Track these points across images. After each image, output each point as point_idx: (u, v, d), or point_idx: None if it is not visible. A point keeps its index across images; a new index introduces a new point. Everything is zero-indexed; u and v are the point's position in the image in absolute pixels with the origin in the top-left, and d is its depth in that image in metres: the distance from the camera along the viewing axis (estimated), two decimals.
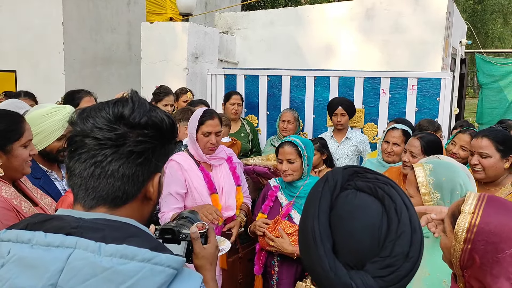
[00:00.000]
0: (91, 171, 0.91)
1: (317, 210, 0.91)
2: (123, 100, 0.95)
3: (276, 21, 6.57)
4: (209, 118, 2.67)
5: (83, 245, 0.83)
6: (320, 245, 0.88)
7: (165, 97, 4.11)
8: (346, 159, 4.07)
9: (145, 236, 0.92)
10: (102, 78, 6.52)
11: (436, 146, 2.56)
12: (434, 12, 5.78)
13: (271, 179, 2.93)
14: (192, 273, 0.94)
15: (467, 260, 1.18)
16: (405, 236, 0.87)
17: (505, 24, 27.20)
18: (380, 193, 0.90)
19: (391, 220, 0.88)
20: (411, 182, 1.77)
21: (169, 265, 0.85)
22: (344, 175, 0.95)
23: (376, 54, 6.05)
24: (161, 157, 0.98)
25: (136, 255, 0.83)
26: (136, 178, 0.94)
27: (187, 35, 5.25)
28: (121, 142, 0.91)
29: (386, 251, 0.86)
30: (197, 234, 1.35)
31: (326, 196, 0.92)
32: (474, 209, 1.19)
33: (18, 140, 1.83)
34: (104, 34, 6.59)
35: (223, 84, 5.05)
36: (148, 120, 0.93)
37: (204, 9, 8.73)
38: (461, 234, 1.18)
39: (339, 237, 0.89)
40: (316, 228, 0.89)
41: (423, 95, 4.37)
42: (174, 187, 2.63)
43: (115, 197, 0.93)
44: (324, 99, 4.69)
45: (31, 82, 5.57)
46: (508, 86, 9.05)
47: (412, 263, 0.87)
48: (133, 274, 0.81)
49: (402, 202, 0.90)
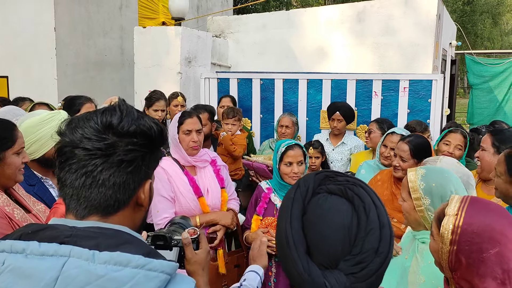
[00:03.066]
0: (82, 181, 0.92)
1: (289, 215, 0.95)
2: (111, 109, 0.96)
3: (268, 24, 6.60)
4: (187, 117, 2.70)
5: (77, 254, 0.84)
6: (293, 249, 0.91)
7: (155, 102, 4.10)
8: (340, 162, 4.10)
9: (138, 243, 0.93)
10: (95, 83, 6.50)
11: (425, 149, 2.60)
12: (424, 14, 5.85)
13: (262, 182, 2.95)
14: (185, 278, 0.95)
15: (455, 262, 1.20)
16: (374, 232, 0.90)
17: (494, 25, 27.49)
18: (349, 194, 0.94)
19: (360, 219, 0.91)
20: (404, 186, 1.80)
21: (163, 270, 0.87)
22: (315, 180, 0.99)
23: (367, 56, 6.11)
24: (151, 164, 1.00)
25: (130, 262, 0.84)
26: (127, 186, 0.95)
27: (180, 39, 5.27)
28: (111, 152, 0.92)
29: (357, 248, 0.90)
30: (189, 240, 1.37)
31: (298, 201, 0.96)
32: (457, 211, 1.22)
33: (10, 148, 1.84)
34: (96, 38, 6.58)
35: (216, 87, 5.07)
36: (136, 129, 0.95)
37: (196, 13, 8.75)
38: (447, 236, 1.21)
39: (312, 240, 0.92)
40: (289, 233, 0.93)
41: (415, 97, 4.42)
42: (164, 191, 2.64)
43: (107, 205, 0.94)
44: (317, 102, 4.72)
45: (23, 88, 5.54)
46: (498, 86, 9.15)
47: (382, 258, 0.90)
48: (127, 281, 0.82)
49: (370, 200, 0.94)
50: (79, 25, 6.28)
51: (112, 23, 6.85)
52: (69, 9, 6.09)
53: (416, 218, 1.75)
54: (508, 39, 30.21)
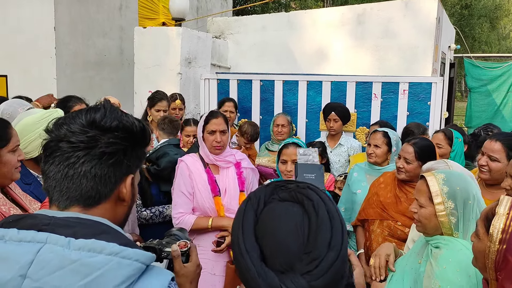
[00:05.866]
0: (64, 172, 0.96)
1: (241, 225, 0.94)
2: (96, 107, 1.01)
3: (268, 26, 6.61)
4: (213, 117, 2.76)
5: (54, 240, 0.87)
6: (246, 256, 0.90)
7: (158, 102, 4.10)
8: (338, 164, 4.10)
9: (116, 234, 0.96)
10: (94, 83, 6.49)
11: (430, 152, 2.60)
12: (424, 17, 5.87)
13: (266, 181, 2.96)
14: (163, 270, 0.98)
15: (502, 261, 1.20)
16: (325, 226, 0.90)
17: (492, 29, 27.58)
18: (299, 197, 0.94)
19: (310, 217, 0.91)
20: (422, 192, 1.75)
21: (137, 259, 0.89)
22: (266, 191, 0.99)
23: (367, 58, 6.12)
24: (132, 159, 1.02)
25: (104, 249, 0.87)
26: (108, 178, 0.98)
27: (180, 40, 5.27)
28: (93, 144, 0.96)
29: (310, 246, 0.89)
30: (178, 253, 1.37)
31: (249, 212, 0.96)
32: (508, 211, 1.22)
33: (5, 146, 1.83)
34: (96, 38, 6.57)
35: (216, 88, 5.07)
36: (119, 124, 0.99)
37: (196, 14, 8.75)
38: (496, 235, 1.21)
39: (266, 246, 0.91)
40: (241, 241, 0.92)
41: (414, 99, 4.43)
42: (184, 188, 2.73)
43: (88, 196, 0.97)
44: (316, 104, 4.73)
45: (22, 87, 5.51)
46: (496, 90, 9.18)
47: (335, 252, 0.88)
48: (100, 266, 0.85)
49: (319, 198, 0.94)
50: (79, 25, 6.27)
51: (112, 23, 6.84)
52: (69, 9, 6.08)
53: (435, 224, 1.71)
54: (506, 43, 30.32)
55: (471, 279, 1.56)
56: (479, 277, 1.53)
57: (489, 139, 2.49)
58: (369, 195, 2.76)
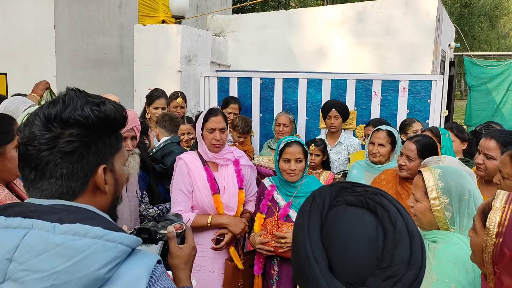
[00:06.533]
0: (33, 175, 0.99)
1: (307, 229, 0.87)
2: (56, 100, 1.00)
3: (268, 24, 6.60)
4: (212, 115, 2.76)
5: (39, 226, 0.90)
6: (314, 265, 0.83)
7: (156, 100, 4.09)
8: (338, 162, 4.10)
9: (102, 219, 0.98)
10: (94, 81, 6.48)
11: (432, 149, 2.60)
12: (424, 15, 5.87)
13: (265, 179, 2.95)
14: (149, 254, 0.99)
15: (499, 255, 1.21)
16: (403, 243, 0.83)
17: (492, 27, 27.60)
18: (371, 204, 0.87)
19: (386, 229, 0.84)
20: (418, 187, 1.77)
21: (121, 242, 0.91)
22: (331, 191, 0.92)
23: (367, 56, 6.12)
24: (101, 149, 1.02)
25: (88, 232, 0.89)
26: (76, 174, 0.99)
27: (180, 38, 5.27)
28: (53, 144, 0.96)
29: (385, 262, 0.82)
30: (173, 234, 1.36)
31: (314, 214, 0.89)
32: (504, 204, 1.24)
33: (10, 142, 1.84)
34: (96, 36, 6.57)
35: (216, 86, 5.07)
36: (74, 119, 0.97)
37: (196, 12, 8.74)
38: (493, 228, 1.22)
39: (334, 254, 0.85)
40: (308, 248, 0.85)
41: (414, 97, 4.44)
42: (183, 185, 2.73)
43: (61, 193, 0.99)
44: (316, 101, 4.73)
45: (22, 85, 5.51)
46: (496, 88, 9.18)
47: (415, 270, 0.82)
48: (84, 249, 0.87)
49: (395, 209, 0.87)
50: (78, 23, 6.26)
51: (112, 21, 6.84)
52: (69, 6, 6.07)
53: (431, 219, 1.73)
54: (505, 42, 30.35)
55: (468, 273, 1.56)
56: (476, 271, 1.54)
57: (484, 137, 2.50)
58: None
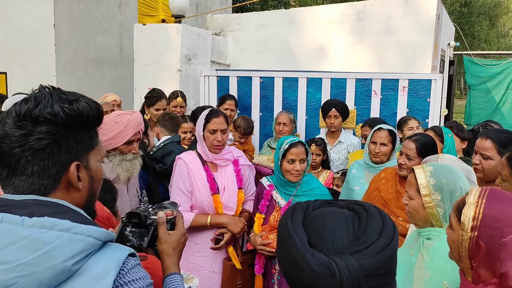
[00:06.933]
0: (5, 172, 0.99)
1: (289, 217, 0.93)
2: (28, 98, 1.00)
3: (268, 23, 6.61)
4: (214, 116, 2.74)
5: (9, 219, 0.91)
6: (293, 235, 0.89)
7: (158, 102, 4.11)
8: (338, 161, 4.10)
9: (74, 214, 0.98)
10: (93, 80, 6.48)
11: (432, 148, 2.60)
12: (424, 14, 5.87)
13: (263, 179, 2.95)
14: (121, 247, 1.00)
15: (475, 249, 1.22)
16: (376, 220, 0.89)
17: (491, 26, 27.57)
18: (350, 206, 0.94)
19: (360, 215, 0.91)
20: (411, 184, 1.80)
21: (90, 234, 0.92)
22: (315, 204, 0.97)
23: (367, 55, 6.13)
24: (72, 147, 1.01)
25: (55, 225, 0.90)
26: (48, 171, 0.99)
27: (180, 37, 5.27)
28: (23, 142, 0.96)
29: (359, 234, 0.87)
30: (163, 219, 1.36)
31: (298, 210, 0.94)
32: (478, 199, 1.26)
33: None
34: (96, 36, 6.57)
35: (216, 85, 5.07)
36: (43, 117, 0.97)
37: (196, 11, 8.74)
38: (468, 223, 1.24)
39: (314, 235, 0.89)
40: (290, 226, 0.91)
41: (414, 96, 4.44)
42: (182, 185, 2.73)
43: (33, 190, 0.99)
44: (316, 100, 4.74)
45: (22, 84, 5.51)
46: (495, 87, 9.19)
47: (387, 239, 0.86)
48: (51, 241, 0.88)
49: (369, 205, 0.93)
50: (78, 22, 6.26)
51: (112, 20, 6.83)
52: (69, 6, 6.07)
53: (424, 216, 1.75)
54: (505, 41, 30.33)
55: None
56: None
57: (480, 137, 2.50)
58: (369, 190, 2.76)
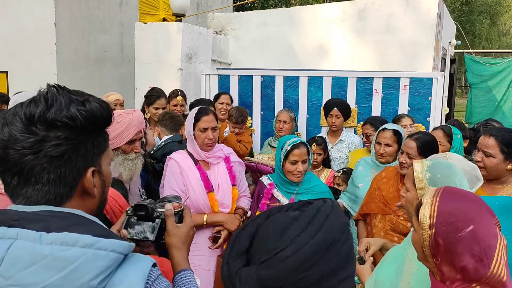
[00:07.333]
0: (16, 181, 0.91)
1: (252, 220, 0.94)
2: (37, 99, 0.93)
3: (269, 21, 6.60)
4: (204, 115, 2.73)
5: (24, 235, 0.84)
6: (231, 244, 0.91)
7: (157, 100, 4.09)
8: (339, 160, 4.09)
9: (91, 224, 0.93)
10: (94, 79, 6.49)
11: (432, 146, 2.59)
12: (425, 13, 5.86)
13: (263, 177, 2.95)
14: (142, 257, 0.94)
15: (435, 246, 1.25)
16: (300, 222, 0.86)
17: (492, 25, 27.54)
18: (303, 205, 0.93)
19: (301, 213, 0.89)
20: (409, 177, 1.83)
21: (113, 249, 0.86)
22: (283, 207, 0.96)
23: (368, 54, 6.12)
24: (89, 151, 0.95)
25: (77, 241, 0.84)
26: (64, 179, 0.92)
27: (181, 36, 5.27)
28: (38, 149, 0.89)
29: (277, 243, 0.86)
30: (171, 212, 1.33)
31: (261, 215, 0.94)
32: (432, 198, 1.30)
33: None
34: (97, 34, 6.57)
35: (217, 84, 5.07)
36: (60, 121, 0.90)
37: (196, 10, 8.74)
38: (425, 221, 1.27)
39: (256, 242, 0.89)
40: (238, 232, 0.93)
41: (415, 94, 4.44)
42: (176, 185, 2.70)
43: (48, 200, 0.92)
44: (317, 99, 4.74)
45: (23, 83, 5.52)
46: (496, 85, 9.18)
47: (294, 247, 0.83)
48: (74, 260, 0.82)
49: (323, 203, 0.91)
50: (79, 21, 6.27)
51: (112, 19, 6.84)
52: (70, 5, 6.08)
53: None
54: (506, 39, 30.28)
55: None
56: None
57: (483, 135, 2.50)
58: (371, 189, 2.76)
